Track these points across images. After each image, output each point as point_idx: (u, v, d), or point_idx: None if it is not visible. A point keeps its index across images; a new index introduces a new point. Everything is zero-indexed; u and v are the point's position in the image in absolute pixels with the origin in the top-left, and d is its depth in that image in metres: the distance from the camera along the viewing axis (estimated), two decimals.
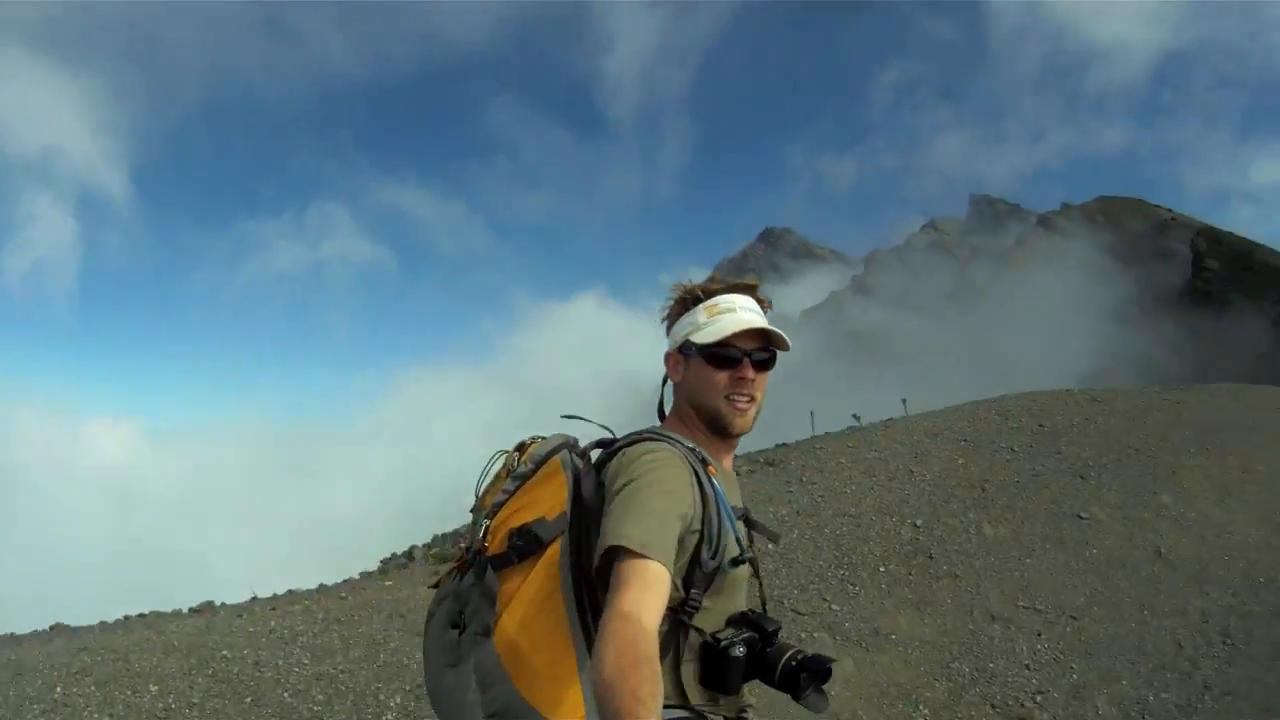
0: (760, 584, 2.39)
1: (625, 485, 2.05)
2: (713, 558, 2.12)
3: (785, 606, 8.02)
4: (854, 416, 15.19)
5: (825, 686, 2.13)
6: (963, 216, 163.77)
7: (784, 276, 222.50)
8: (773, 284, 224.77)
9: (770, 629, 2.17)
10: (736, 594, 2.24)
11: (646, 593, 1.82)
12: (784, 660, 2.11)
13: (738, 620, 2.20)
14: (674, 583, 1.98)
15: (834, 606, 8.24)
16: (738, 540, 2.22)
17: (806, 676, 2.08)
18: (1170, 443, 13.67)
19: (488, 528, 2.21)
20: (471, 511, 2.37)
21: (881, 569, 9.14)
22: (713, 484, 2.18)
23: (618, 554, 1.89)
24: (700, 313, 2.35)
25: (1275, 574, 9.36)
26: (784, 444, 14.24)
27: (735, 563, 2.18)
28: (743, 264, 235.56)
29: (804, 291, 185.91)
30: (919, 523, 10.33)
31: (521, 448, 2.34)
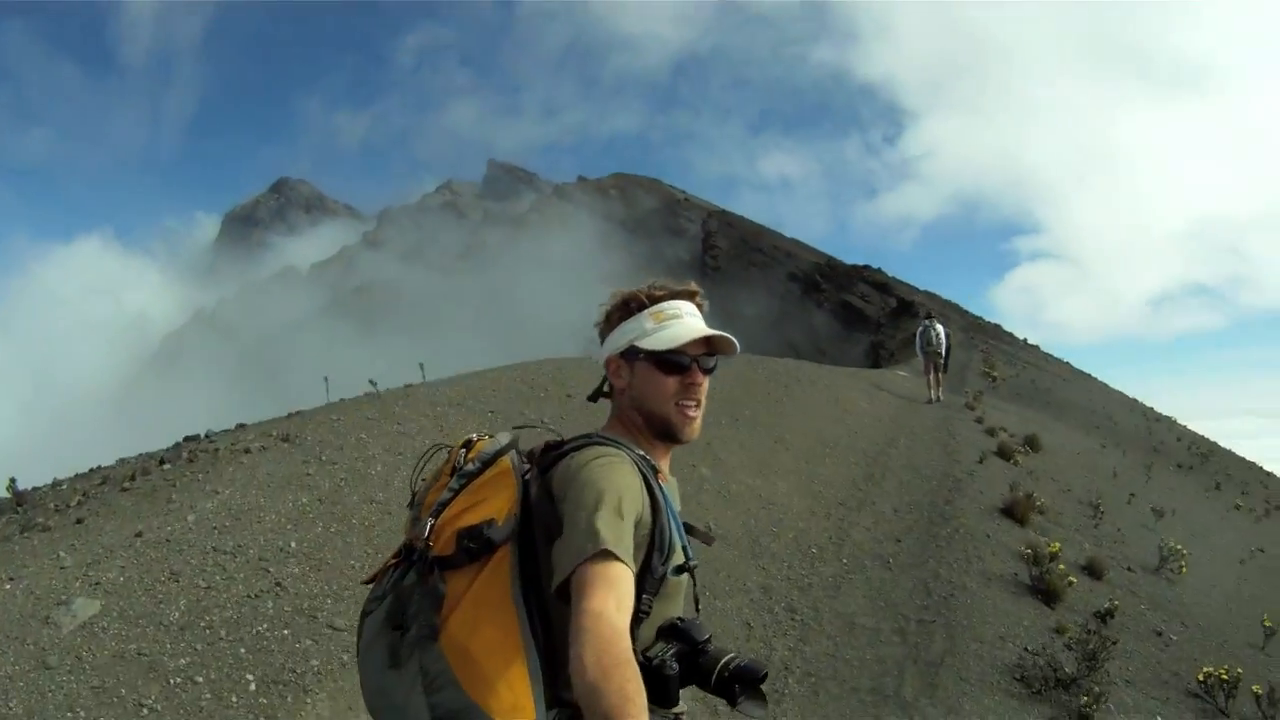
0: (695, 587, 2.30)
1: (582, 488, 2.03)
2: (663, 564, 2.13)
3: (320, 621, 6.54)
4: (371, 383, 13.85)
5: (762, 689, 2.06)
6: (479, 181, 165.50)
7: (295, 228, 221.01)
8: (282, 235, 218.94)
9: (700, 639, 2.10)
10: (676, 600, 2.23)
11: (614, 594, 1.84)
12: (718, 669, 2.04)
13: (667, 631, 2.12)
14: None
15: None
16: (684, 548, 2.23)
17: (740, 685, 2.01)
18: None
19: (433, 526, 2.10)
20: (410, 507, 2.34)
21: None
22: (662, 490, 2.19)
23: (576, 561, 1.91)
24: (647, 319, 2.33)
25: (824, 544, 9.95)
26: (299, 411, 12.58)
27: (680, 570, 2.19)
28: (254, 213, 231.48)
29: (315, 245, 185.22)
30: None
31: (469, 445, 2.29)
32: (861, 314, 57.38)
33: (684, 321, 2.30)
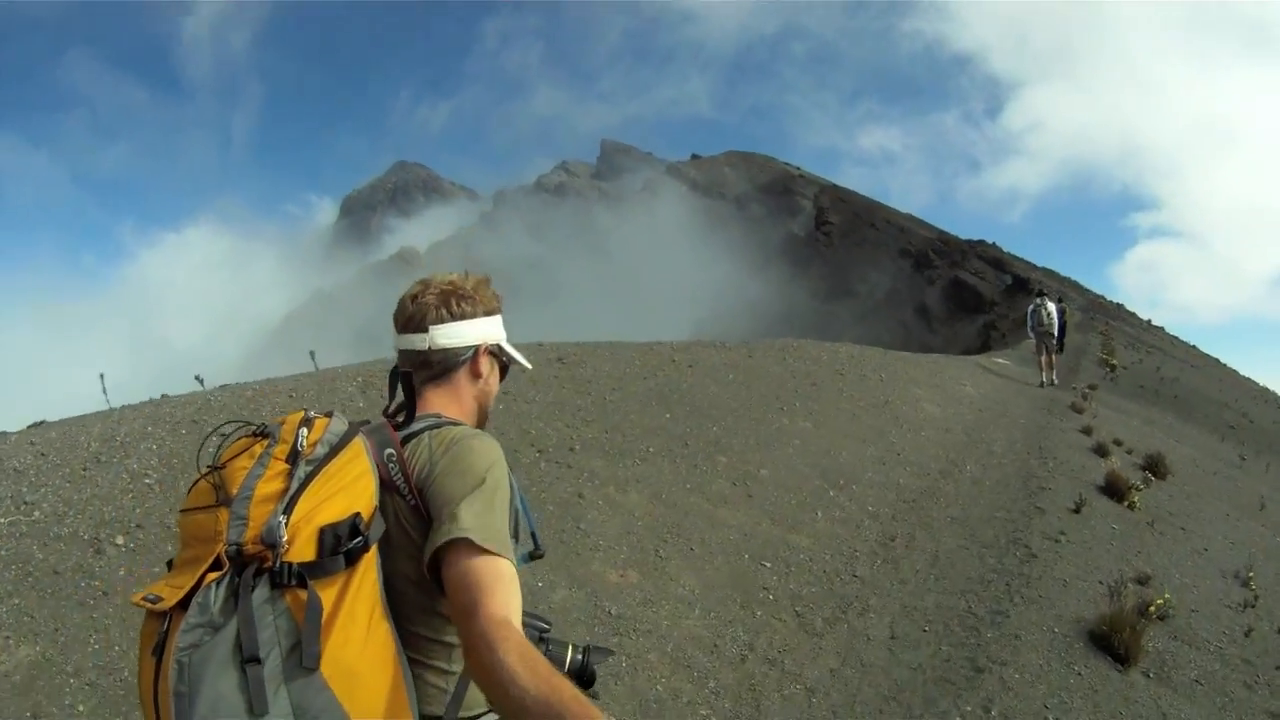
0: None
1: (459, 473, 1.93)
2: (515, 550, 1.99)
3: None
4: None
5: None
6: (593, 161, 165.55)
7: (412, 211, 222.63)
8: (399, 218, 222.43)
9: (544, 628, 2.20)
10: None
11: (511, 594, 1.77)
12: (570, 658, 2.18)
13: None
14: None
15: None
16: (534, 535, 2.19)
17: (593, 671, 2.17)
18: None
19: (286, 524, 1.74)
20: (221, 503, 1.82)
21: None
22: (512, 478, 2.06)
23: (466, 551, 1.80)
24: (499, 321, 2.36)
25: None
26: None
27: (530, 557, 2.16)
28: (371, 197, 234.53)
29: (432, 227, 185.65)
30: None
31: (308, 423, 1.96)
32: (975, 291, 55.96)
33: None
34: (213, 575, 1.73)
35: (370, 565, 1.80)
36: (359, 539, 1.78)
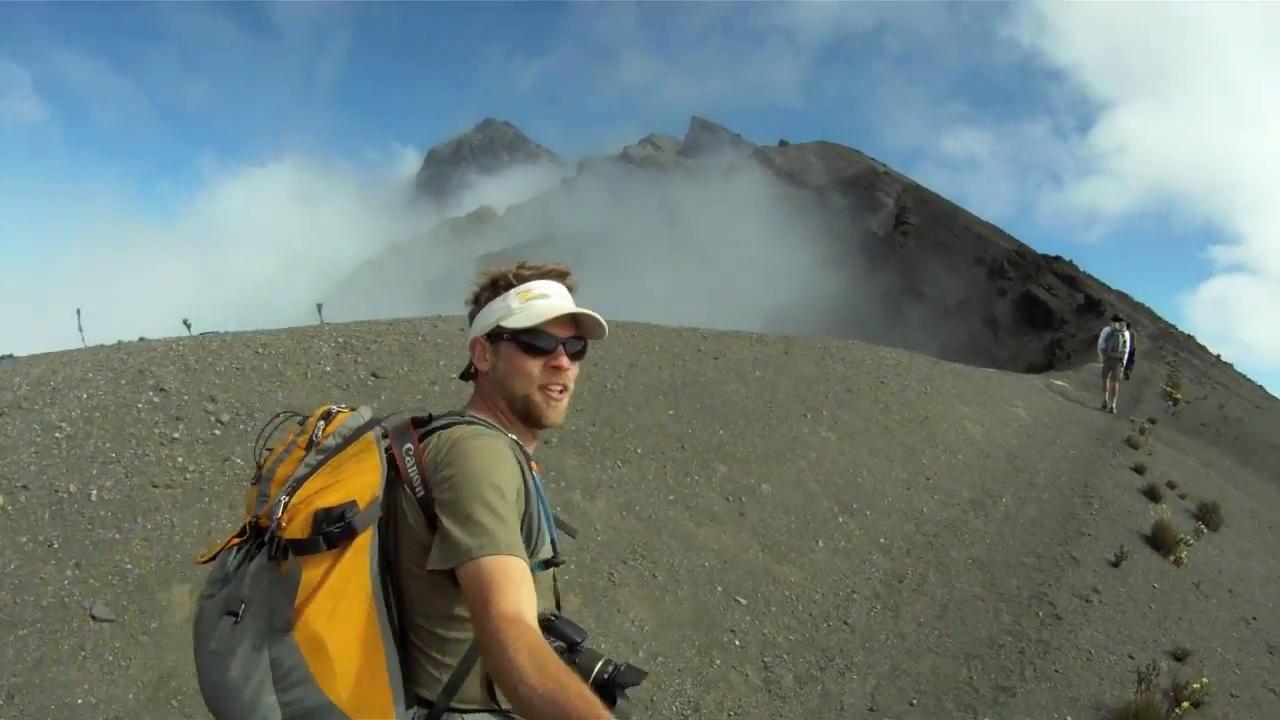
0: (556, 583, 2.24)
1: (465, 471, 1.94)
2: (531, 557, 2.00)
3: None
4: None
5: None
6: (680, 137, 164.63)
7: (495, 169, 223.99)
8: (482, 175, 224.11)
9: (577, 639, 2.04)
10: (543, 597, 2.03)
11: (522, 592, 1.78)
12: (596, 671, 1.99)
13: (542, 626, 1.90)
14: None
15: None
16: (553, 541, 2.17)
17: (619, 689, 1.98)
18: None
19: (286, 504, 1.93)
20: (255, 482, 2.12)
21: None
22: (535, 480, 2.12)
23: (469, 560, 1.83)
24: (513, 298, 2.25)
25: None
26: None
27: (546, 565, 2.13)
28: (458, 152, 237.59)
29: (514, 187, 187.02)
30: None
31: (328, 416, 2.16)
32: (1046, 307, 54.65)
33: (550, 301, 2.23)
34: (236, 540, 2.01)
35: (361, 550, 1.87)
36: (340, 524, 1.85)
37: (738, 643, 6.17)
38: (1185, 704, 6.24)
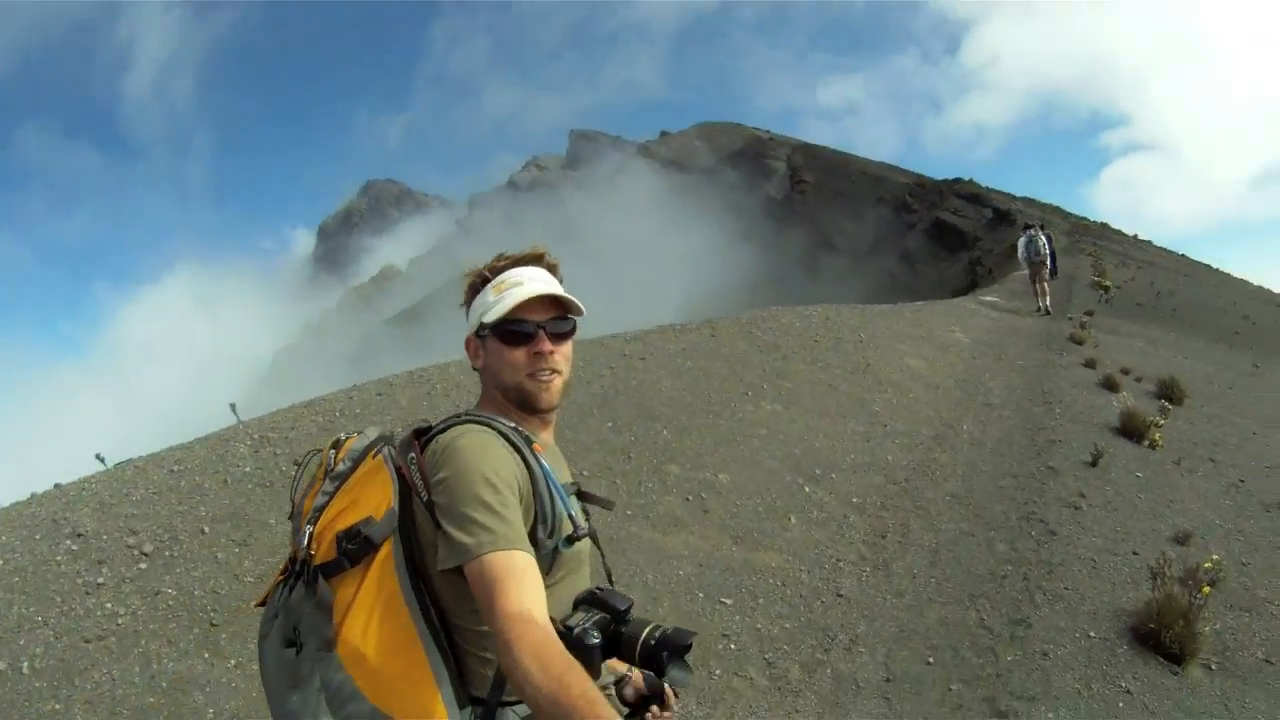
0: (603, 556, 2.32)
1: (454, 472, 1.95)
2: (549, 537, 2.06)
3: None
4: None
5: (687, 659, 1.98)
6: (563, 153, 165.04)
7: (388, 228, 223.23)
8: (376, 237, 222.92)
9: (622, 607, 1.98)
10: (580, 571, 2.18)
11: (525, 586, 1.79)
12: (642, 639, 1.94)
13: (586, 600, 2.01)
14: None
15: None
16: (571, 517, 2.13)
17: (668, 654, 1.91)
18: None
19: (312, 534, 2.06)
20: (290, 519, 2.24)
21: None
22: (540, 462, 2.09)
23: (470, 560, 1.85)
24: (489, 292, 2.27)
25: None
26: None
27: (571, 540, 2.11)
28: (348, 220, 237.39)
29: (412, 241, 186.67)
30: None
31: (337, 445, 2.25)
32: (956, 230, 54.88)
33: (522, 288, 2.20)
34: (281, 577, 2.13)
35: (385, 562, 1.93)
36: (358, 540, 1.94)
37: (733, 646, 5.75)
38: (1206, 588, 5.90)
